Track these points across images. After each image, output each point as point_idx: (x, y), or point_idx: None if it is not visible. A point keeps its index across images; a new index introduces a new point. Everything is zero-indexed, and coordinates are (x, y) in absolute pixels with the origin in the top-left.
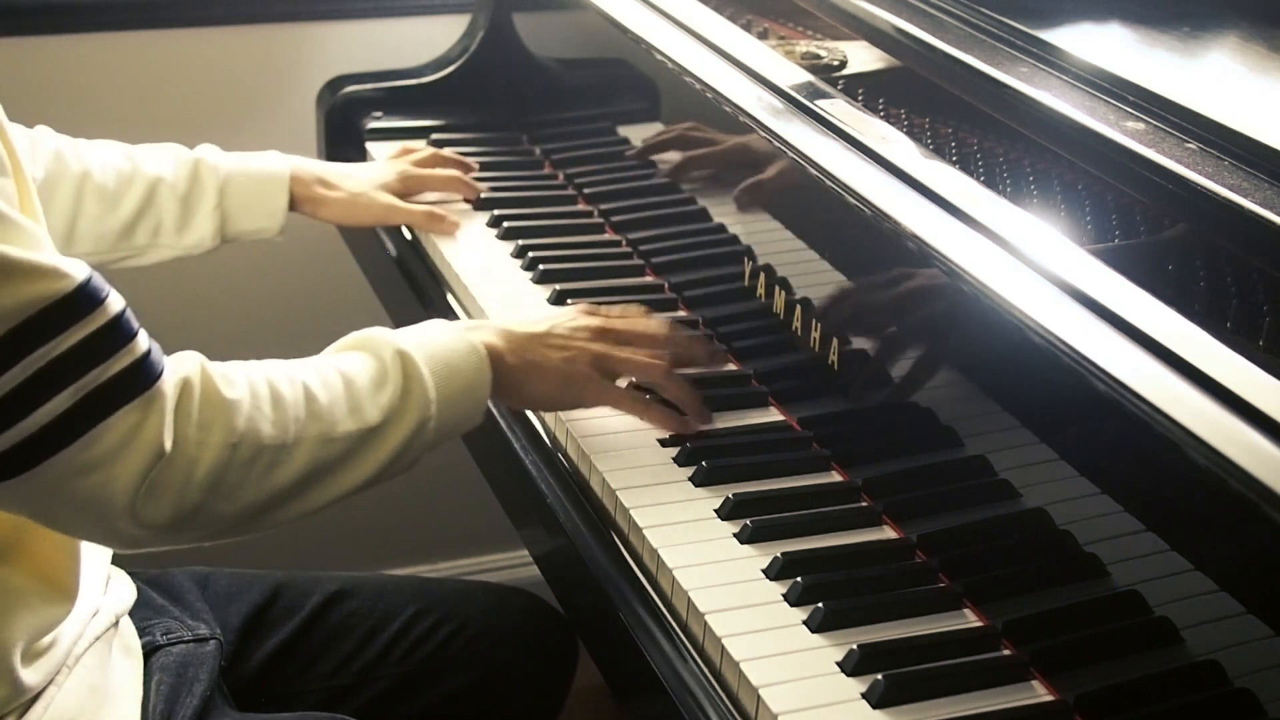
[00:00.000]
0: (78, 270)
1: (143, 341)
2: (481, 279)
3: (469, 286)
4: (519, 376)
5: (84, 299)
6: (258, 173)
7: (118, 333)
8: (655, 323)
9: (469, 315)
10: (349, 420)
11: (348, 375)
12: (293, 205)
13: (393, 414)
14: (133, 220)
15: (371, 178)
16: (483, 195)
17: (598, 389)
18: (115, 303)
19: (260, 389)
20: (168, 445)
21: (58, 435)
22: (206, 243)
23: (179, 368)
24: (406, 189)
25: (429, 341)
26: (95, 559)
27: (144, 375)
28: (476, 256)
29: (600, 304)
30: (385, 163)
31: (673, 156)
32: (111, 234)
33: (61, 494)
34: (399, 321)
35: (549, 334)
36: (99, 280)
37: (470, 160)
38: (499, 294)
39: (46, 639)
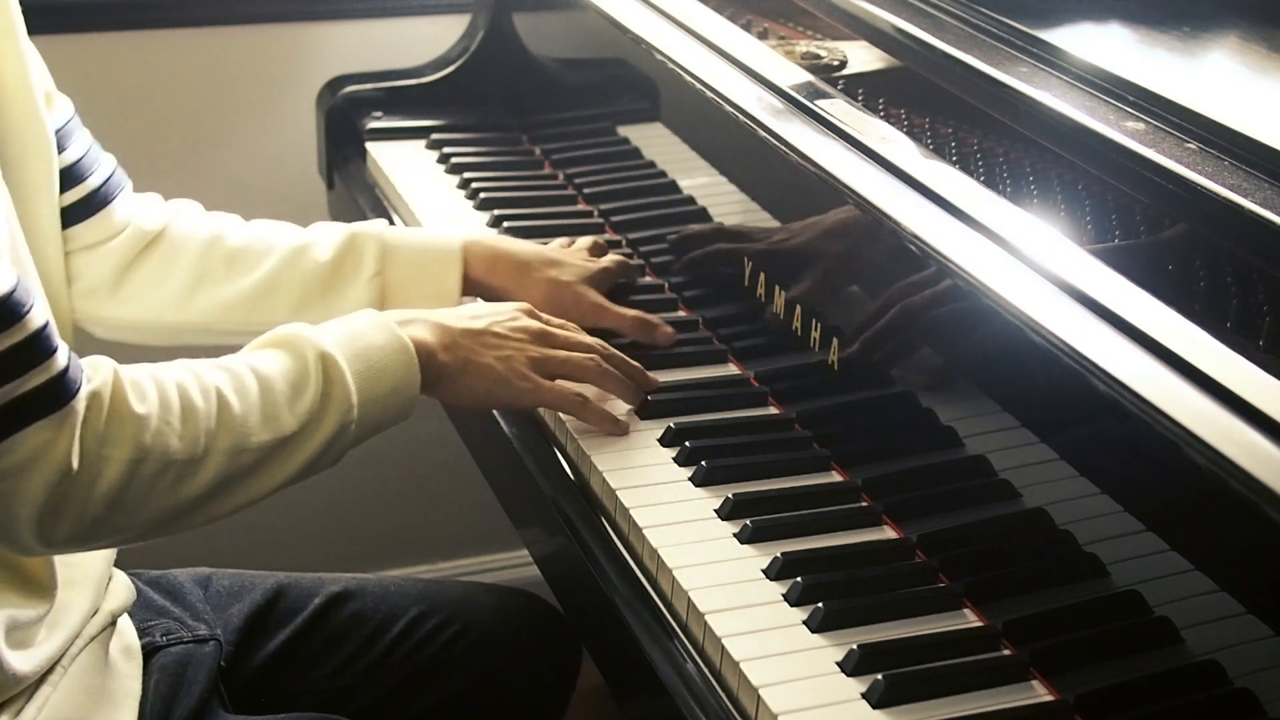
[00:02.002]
0: (2, 283)
1: (61, 358)
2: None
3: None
4: (451, 373)
5: (3, 313)
6: (425, 243)
7: (35, 348)
8: (591, 339)
9: None
10: (263, 430)
11: (265, 380)
12: (469, 280)
13: (311, 420)
14: (269, 285)
15: (577, 270)
16: (483, 195)
17: (534, 389)
18: (37, 317)
19: (171, 400)
20: (74, 464)
21: None
22: None
23: (92, 377)
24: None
25: (355, 338)
26: (95, 560)
27: (59, 392)
28: None
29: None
30: (579, 256)
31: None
32: (239, 300)
33: None
34: None
35: (486, 331)
36: (22, 293)
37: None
38: None
39: (36, 629)
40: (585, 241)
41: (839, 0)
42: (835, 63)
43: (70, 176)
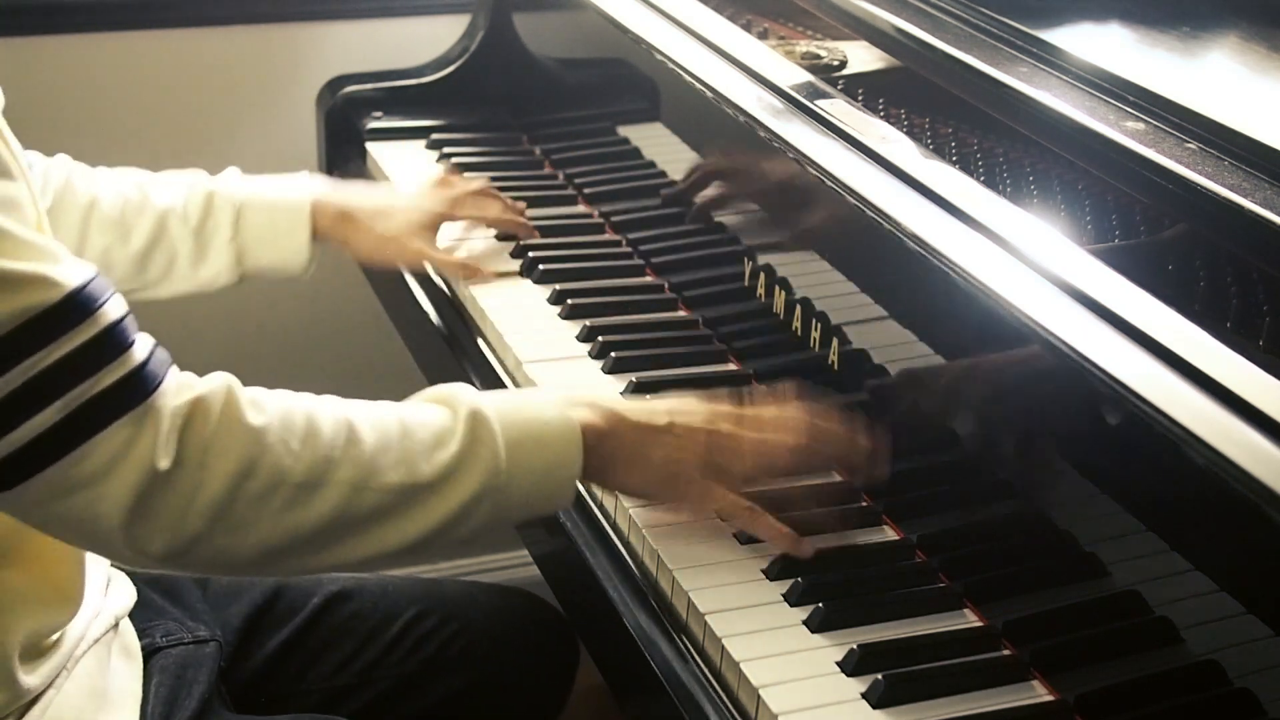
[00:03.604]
0: (71, 276)
1: (139, 352)
2: (482, 281)
3: (469, 287)
4: (615, 465)
5: (74, 309)
6: (276, 203)
7: (110, 344)
8: (793, 420)
9: (471, 318)
10: (394, 471)
11: (408, 424)
12: (318, 235)
13: (449, 474)
14: (143, 252)
15: (406, 217)
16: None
17: (701, 494)
18: (111, 310)
19: (294, 419)
20: (162, 464)
21: (44, 451)
22: (223, 277)
23: (199, 385)
24: (443, 220)
25: (518, 409)
26: (97, 561)
27: (138, 389)
28: (477, 259)
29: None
30: (422, 193)
31: (709, 193)
32: (122, 266)
33: (51, 511)
34: (398, 317)
35: (667, 429)
36: (96, 287)
37: (518, 204)
38: (502, 298)
39: (48, 641)
40: (467, 186)
41: (839, 0)
42: (835, 63)
43: None
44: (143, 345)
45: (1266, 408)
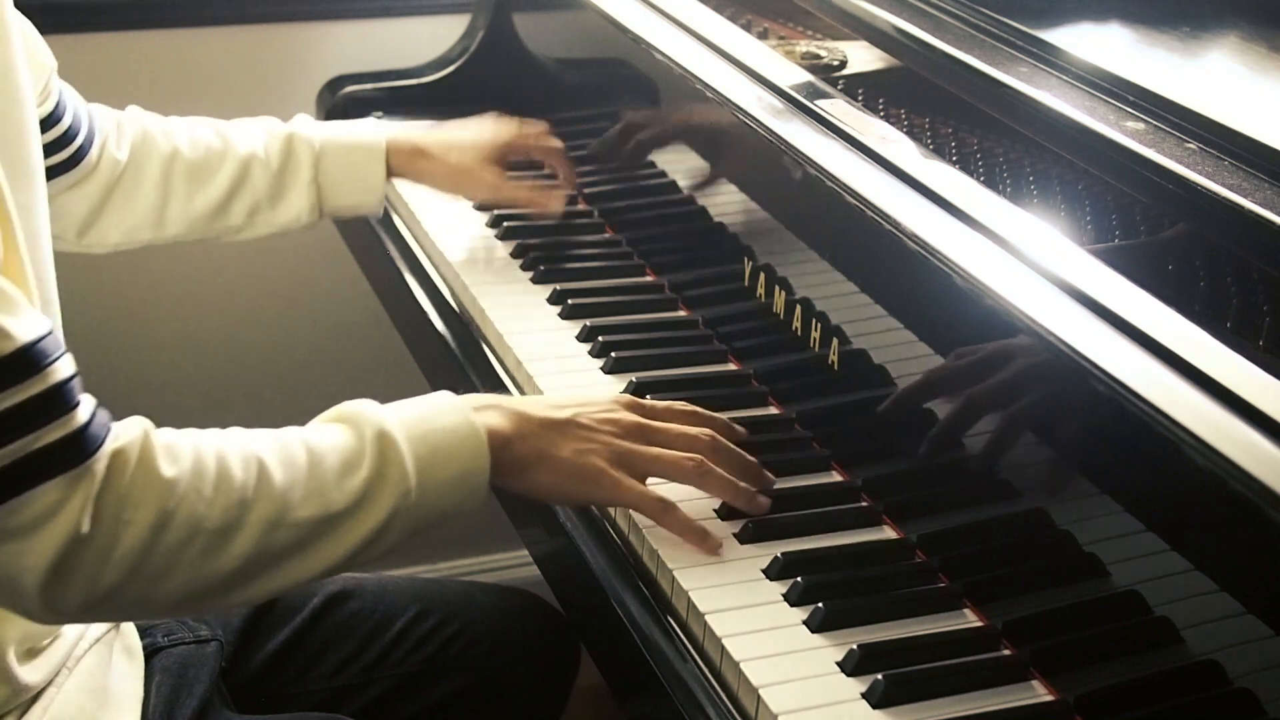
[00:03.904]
0: (24, 331)
1: (82, 414)
2: (483, 281)
3: (469, 288)
4: (523, 465)
5: (24, 363)
6: (353, 144)
7: (55, 402)
8: (700, 429)
9: (472, 318)
10: (306, 506)
11: (316, 453)
12: (392, 174)
13: (361, 500)
14: (225, 198)
15: (476, 150)
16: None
17: (611, 486)
18: (61, 369)
19: (206, 465)
20: (85, 527)
21: None
22: (304, 218)
23: (119, 437)
24: (509, 156)
25: (423, 420)
26: None
27: (76, 450)
28: (478, 258)
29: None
30: (487, 127)
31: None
32: (205, 214)
33: None
34: (398, 317)
35: (570, 422)
36: (49, 344)
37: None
38: (502, 297)
39: (45, 639)
40: (530, 124)
41: (839, 0)
42: (835, 63)
43: (61, 141)
44: (86, 407)
45: (1266, 408)
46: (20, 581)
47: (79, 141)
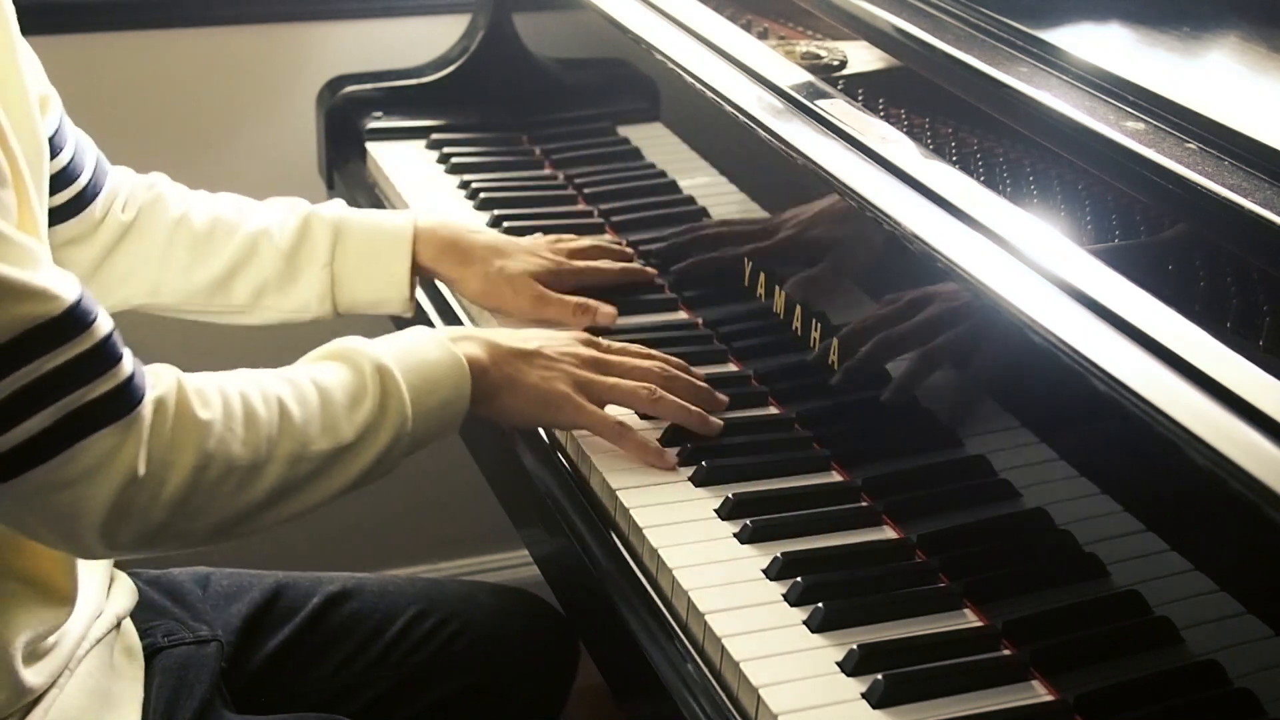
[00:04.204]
0: (68, 291)
1: (127, 365)
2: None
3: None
4: (496, 391)
5: (72, 321)
6: (375, 227)
7: (103, 356)
8: (651, 362)
9: (473, 319)
10: (323, 439)
11: (325, 390)
12: (421, 268)
13: (368, 430)
14: (229, 272)
15: (527, 262)
16: (483, 195)
17: (574, 410)
18: (103, 325)
19: (234, 407)
20: (141, 469)
21: (36, 451)
22: (314, 306)
23: (156, 385)
24: (558, 283)
25: (410, 352)
26: (97, 563)
27: (125, 399)
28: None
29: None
30: (537, 246)
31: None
32: (204, 288)
33: (35, 507)
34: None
35: (536, 353)
36: (89, 302)
37: (629, 251)
38: None
39: (49, 641)
40: (577, 242)
41: (839, 0)
42: (835, 63)
43: (61, 178)
44: (129, 359)
45: (1266, 408)
46: (81, 523)
47: (82, 184)
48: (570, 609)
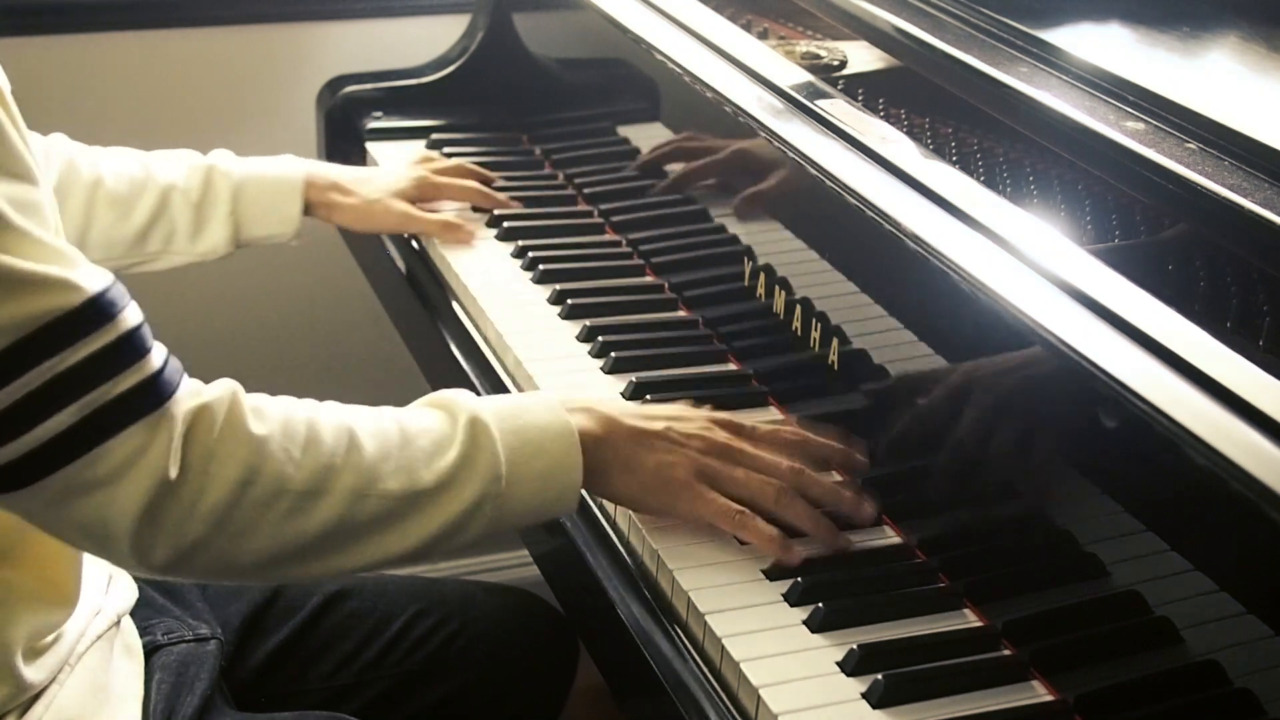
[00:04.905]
0: (92, 282)
1: (155, 360)
2: (483, 282)
3: (469, 288)
4: (609, 471)
5: (94, 313)
6: (272, 179)
7: (128, 349)
8: (791, 462)
9: (473, 320)
10: (394, 479)
11: (408, 431)
12: (307, 210)
13: (449, 481)
14: (145, 227)
15: (388, 185)
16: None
17: (692, 499)
18: (130, 317)
19: (296, 428)
20: (173, 473)
21: (60, 451)
22: (220, 249)
23: (205, 393)
24: (422, 196)
25: (517, 414)
26: (97, 560)
27: (152, 395)
28: (478, 259)
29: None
30: (404, 168)
31: (674, 167)
32: (124, 241)
33: (63, 511)
34: (398, 317)
35: (661, 435)
36: (115, 293)
37: (491, 174)
38: (502, 297)
39: (49, 637)
40: (440, 163)
41: (839, 0)
42: (835, 63)
43: None
44: (159, 353)
45: (1266, 408)
46: (112, 529)
47: None
48: (570, 609)
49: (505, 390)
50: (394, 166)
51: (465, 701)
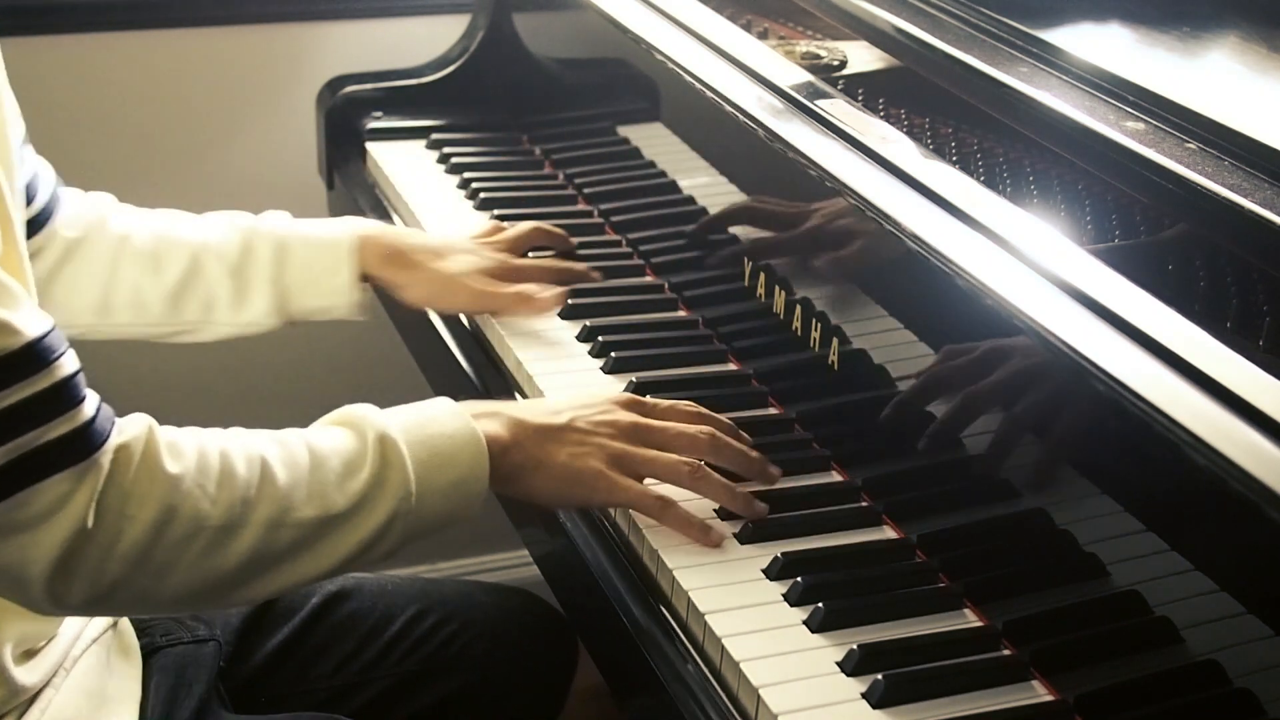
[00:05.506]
0: (30, 326)
1: (88, 409)
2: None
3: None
4: (519, 471)
5: (31, 357)
6: (317, 240)
7: (63, 396)
8: (700, 427)
9: (473, 321)
10: (308, 506)
11: (318, 454)
12: (367, 276)
13: (363, 501)
14: (177, 289)
15: (470, 263)
16: (483, 195)
17: (608, 488)
18: (66, 364)
19: (210, 462)
20: (90, 521)
21: None
22: (264, 320)
23: (123, 432)
24: (504, 279)
25: (422, 425)
26: None
27: (83, 444)
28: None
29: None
30: (476, 245)
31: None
32: (157, 302)
33: None
34: (398, 317)
35: (567, 427)
36: (54, 339)
37: (560, 230)
38: None
39: (41, 640)
40: (518, 230)
41: (839, 0)
42: (835, 63)
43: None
44: (91, 402)
45: (1266, 408)
46: (26, 574)
47: (39, 204)
48: (570, 609)
49: (508, 391)
50: (460, 239)
51: (465, 701)
